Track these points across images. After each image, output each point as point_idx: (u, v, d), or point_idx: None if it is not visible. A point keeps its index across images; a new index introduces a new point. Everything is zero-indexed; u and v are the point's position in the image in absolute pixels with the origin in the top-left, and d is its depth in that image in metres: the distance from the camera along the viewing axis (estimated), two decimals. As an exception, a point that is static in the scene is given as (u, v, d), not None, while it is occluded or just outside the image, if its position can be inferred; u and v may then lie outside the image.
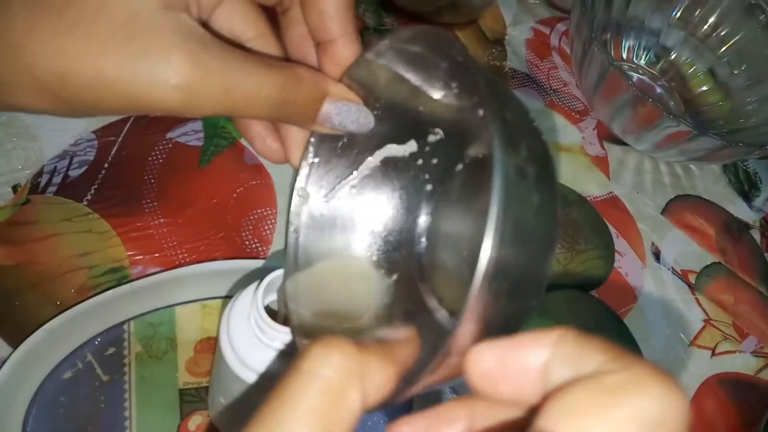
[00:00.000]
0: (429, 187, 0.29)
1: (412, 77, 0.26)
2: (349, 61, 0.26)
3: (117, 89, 0.21)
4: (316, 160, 0.28)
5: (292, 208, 0.29)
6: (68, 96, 0.21)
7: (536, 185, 0.20)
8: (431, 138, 0.28)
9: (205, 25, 0.25)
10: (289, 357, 0.28)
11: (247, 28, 0.27)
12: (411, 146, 0.29)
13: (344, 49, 0.26)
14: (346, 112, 0.25)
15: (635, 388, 0.14)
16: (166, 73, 0.21)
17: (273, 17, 0.28)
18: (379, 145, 0.29)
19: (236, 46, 0.24)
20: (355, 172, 0.29)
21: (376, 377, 0.17)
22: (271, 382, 0.27)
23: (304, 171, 0.28)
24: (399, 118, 0.27)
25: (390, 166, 0.29)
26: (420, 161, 0.29)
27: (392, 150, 0.29)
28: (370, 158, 0.29)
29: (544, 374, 0.17)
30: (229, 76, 0.22)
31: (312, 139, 0.28)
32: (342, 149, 0.29)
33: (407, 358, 0.19)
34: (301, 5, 0.26)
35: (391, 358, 0.18)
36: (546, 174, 0.20)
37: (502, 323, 0.20)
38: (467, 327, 0.18)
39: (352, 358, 0.16)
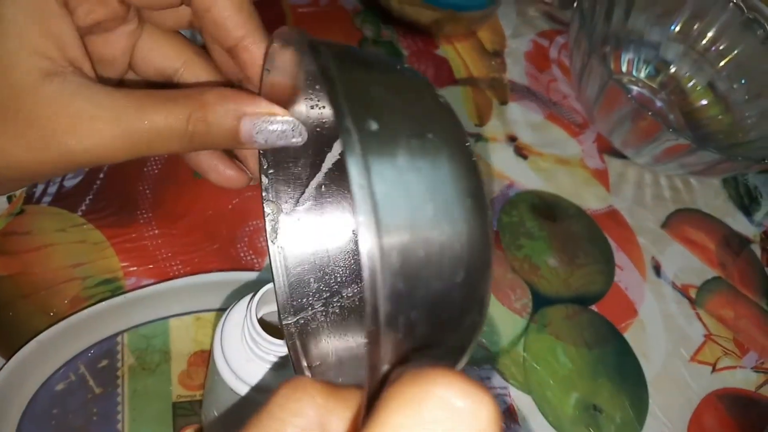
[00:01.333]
0: None
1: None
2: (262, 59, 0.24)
3: (21, 165, 0.22)
4: (272, 171, 0.27)
5: (267, 226, 0.27)
6: None
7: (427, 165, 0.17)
8: None
9: (127, 71, 0.26)
10: (282, 370, 0.27)
11: (171, 60, 0.26)
12: None
13: (256, 49, 0.24)
14: (268, 130, 0.23)
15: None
16: (58, 139, 0.22)
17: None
18: (333, 136, 0.26)
19: (165, 82, 0.25)
20: (318, 172, 0.27)
21: (338, 425, 0.17)
22: (264, 395, 0.27)
23: (264, 184, 0.27)
24: None
25: None
26: None
27: None
28: (329, 153, 0.27)
29: None
30: (123, 121, 0.22)
31: (260, 151, 0.26)
32: (296, 150, 0.27)
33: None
34: (199, 21, 0.25)
35: (354, 400, 0.17)
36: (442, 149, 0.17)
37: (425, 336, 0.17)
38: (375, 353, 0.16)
39: (319, 406, 0.16)
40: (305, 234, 0.28)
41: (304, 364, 0.25)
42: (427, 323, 0.16)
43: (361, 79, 0.18)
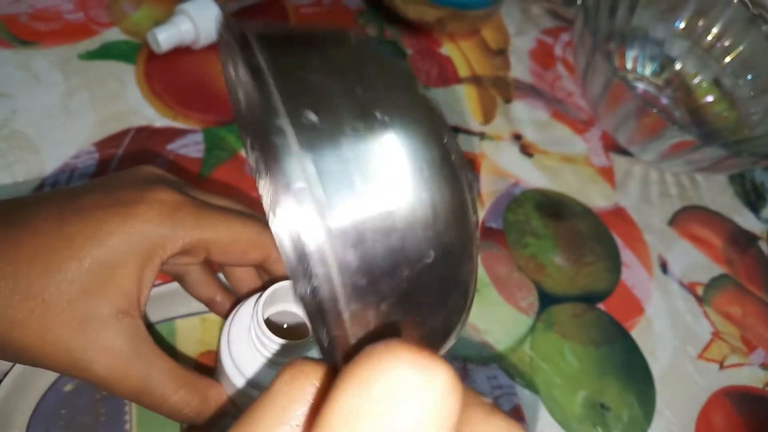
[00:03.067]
0: None
1: None
2: None
3: (52, 358, 0.27)
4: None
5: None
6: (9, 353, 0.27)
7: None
8: None
9: None
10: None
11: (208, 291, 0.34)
12: None
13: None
14: None
15: None
16: (92, 363, 0.26)
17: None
18: None
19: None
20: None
21: None
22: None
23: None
24: None
25: None
26: None
27: None
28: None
29: None
30: (145, 380, 0.27)
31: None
32: None
33: None
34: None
35: None
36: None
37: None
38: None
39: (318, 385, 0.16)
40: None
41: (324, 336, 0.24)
42: (401, 312, 0.15)
43: (299, 66, 0.16)
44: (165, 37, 0.47)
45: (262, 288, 0.27)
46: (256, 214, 0.31)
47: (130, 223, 0.26)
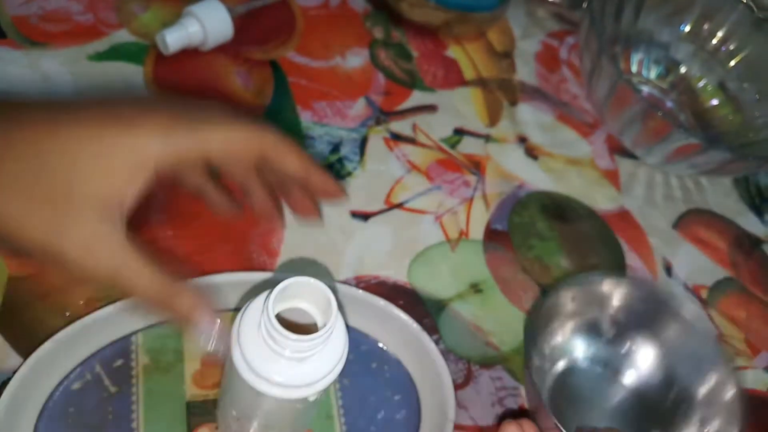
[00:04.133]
0: None
1: None
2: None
3: (30, 232, 0.27)
4: None
5: None
6: None
7: None
8: None
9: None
10: (300, 365, 0.28)
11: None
12: None
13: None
14: (213, 342, 0.30)
15: None
16: (67, 241, 0.27)
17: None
18: None
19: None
20: None
21: None
22: (281, 390, 0.27)
23: None
24: None
25: None
26: None
27: None
28: None
29: None
30: (118, 264, 0.28)
31: None
32: None
33: None
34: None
35: None
36: None
37: None
38: None
39: None
40: None
41: None
42: None
43: None
44: (173, 39, 0.48)
45: (272, 286, 0.27)
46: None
47: (128, 135, 0.28)
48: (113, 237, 0.28)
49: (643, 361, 0.44)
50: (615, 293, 0.44)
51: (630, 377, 0.45)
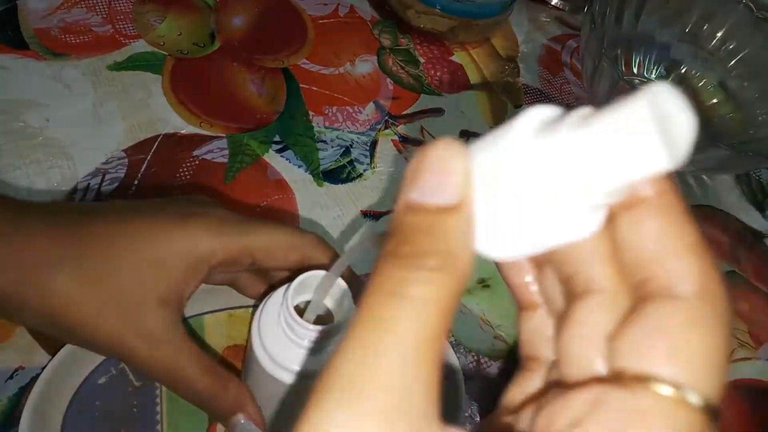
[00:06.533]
0: None
1: None
2: None
3: (99, 335, 0.29)
4: None
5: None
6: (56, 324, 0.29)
7: None
8: None
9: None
10: (318, 354, 0.29)
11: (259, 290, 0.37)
12: None
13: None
14: None
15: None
16: (132, 343, 0.29)
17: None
18: None
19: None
20: None
21: None
22: (301, 379, 0.29)
23: None
24: None
25: None
26: None
27: None
28: None
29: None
30: (175, 365, 0.29)
31: None
32: None
33: None
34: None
35: None
36: None
37: None
38: None
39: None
40: None
41: None
42: None
43: None
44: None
45: (290, 279, 0.29)
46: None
47: (183, 231, 0.30)
48: (176, 335, 0.30)
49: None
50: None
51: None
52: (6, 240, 0.28)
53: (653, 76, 0.66)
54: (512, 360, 0.45)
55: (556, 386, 0.17)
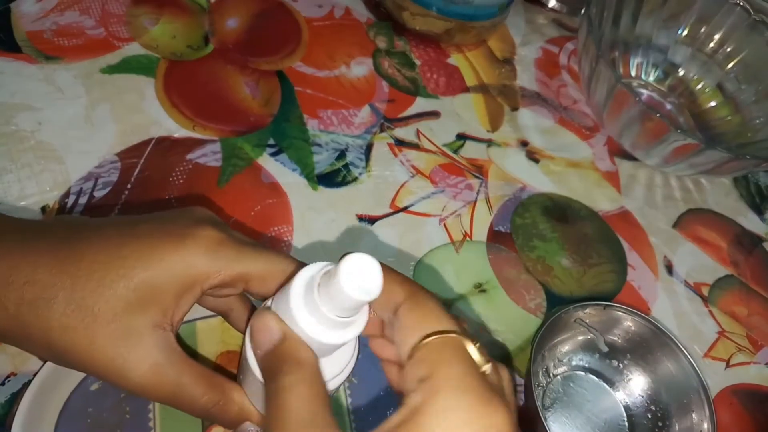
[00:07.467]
0: None
1: None
2: None
3: (96, 364, 0.29)
4: None
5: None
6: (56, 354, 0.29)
7: None
8: None
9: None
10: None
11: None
12: None
13: None
14: None
15: None
16: (131, 371, 0.29)
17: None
18: None
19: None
20: None
21: None
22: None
23: None
24: None
25: None
26: None
27: None
28: None
29: None
30: (177, 386, 0.30)
31: None
32: None
33: None
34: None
35: None
36: None
37: None
38: None
39: None
40: None
41: None
42: None
43: None
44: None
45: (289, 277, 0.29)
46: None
47: (178, 253, 0.29)
48: (173, 357, 0.30)
49: (635, 384, 0.46)
50: (618, 320, 0.45)
51: (620, 393, 0.46)
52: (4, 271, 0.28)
53: (651, 78, 0.65)
54: (509, 365, 0.45)
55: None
